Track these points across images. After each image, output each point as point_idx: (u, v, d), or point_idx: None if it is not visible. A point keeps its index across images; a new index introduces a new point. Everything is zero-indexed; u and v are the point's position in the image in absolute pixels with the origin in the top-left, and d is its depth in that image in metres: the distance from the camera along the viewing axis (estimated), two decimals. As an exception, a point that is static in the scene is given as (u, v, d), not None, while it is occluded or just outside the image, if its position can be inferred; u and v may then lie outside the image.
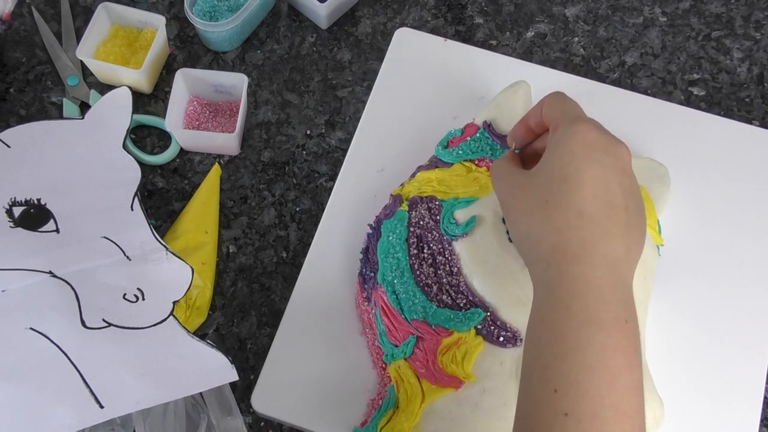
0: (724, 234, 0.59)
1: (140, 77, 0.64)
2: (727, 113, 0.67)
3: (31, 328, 0.51)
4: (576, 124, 0.43)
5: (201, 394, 0.53)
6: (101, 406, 0.50)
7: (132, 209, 0.57)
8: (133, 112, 0.61)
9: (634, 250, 0.42)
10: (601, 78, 0.68)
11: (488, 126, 0.57)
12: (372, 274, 0.55)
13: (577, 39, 0.70)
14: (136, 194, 0.58)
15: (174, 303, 0.54)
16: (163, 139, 0.66)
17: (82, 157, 0.59)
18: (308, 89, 0.68)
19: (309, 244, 0.59)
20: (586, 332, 0.39)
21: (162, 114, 0.65)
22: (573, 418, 0.37)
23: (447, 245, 0.55)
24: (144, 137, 0.66)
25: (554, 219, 0.42)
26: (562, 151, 0.43)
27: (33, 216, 0.56)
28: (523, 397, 0.41)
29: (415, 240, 0.55)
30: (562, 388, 0.38)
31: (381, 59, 0.67)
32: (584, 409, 0.37)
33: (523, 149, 0.51)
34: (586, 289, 0.40)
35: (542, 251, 0.42)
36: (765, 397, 0.54)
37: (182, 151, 0.65)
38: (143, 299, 0.53)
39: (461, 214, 0.55)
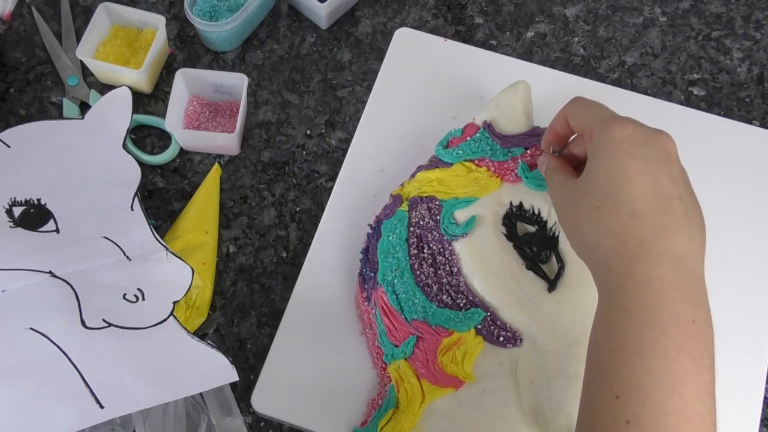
0: (724, 234, 0.59)
1: (140, 77, 0.64)
2: (727, 113, 0.67)
3: (31, 328, 0.52)
4: (609, 124, 0.42)
5: (201, 394, 0.53)
6: (101, 407, 0.50)
7: (132, 209, 0.57)
8: (133, 112, 0.61)
9: (698, 239, 0.41)
10: (601, 78, 0.68)
11: (488, 126, 0.57)
12: (372, 274, 0.55)
13: (577, 39, 0.70)
14: (136, 194, 0.58)
15: (174, 303, 0.54)
16: (163, 139, 0.66)
17: (82, 157, 0.59)
18: (308, 89, 0.68)
19: (309, 244, 0.59)
20: (648, 335, 0.37)
21: (162, 114, 0.65)
22: (635, 426, 0.36)
23: (447, 245, 0.55)
24: (144, 137, 0.66)
25: (608, 224, 0.41)
26: (602, 154, 0.42)
27: (33, 216, 0.56)
28: (584, 402, 0.40)
29: (415, 240, 0.55)
30: (623, 394, 0.37)
31: (381, 59, 0.67)
32: (646, 416, 0.36)
33: (561, 154, 0.51)
34: (647, 290, 0.38)
35: (601, 256, 0.41)
36: (765, 397, 0.54)
37: (182, 151, 0.65)
38: (143, 299, 0.53)
39: (461, 214, 0.55)
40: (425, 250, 0.54)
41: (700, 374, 0.37)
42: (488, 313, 0.52)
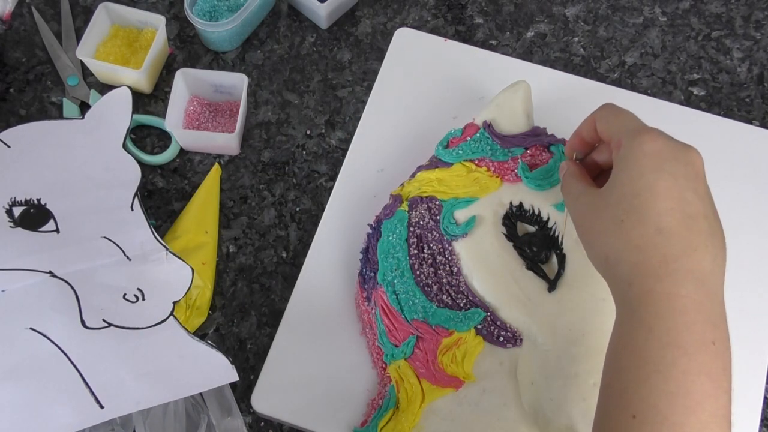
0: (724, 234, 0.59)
1: (140, 77, 0.64)
2: (727, 113, 0.67)
3: (31, 328, 0.52)
4: (639, 136, 0.42)
5: (201, 394, 0.53)
6: (101, 407, 0.50)
7: (132, 209, 0.57)
8: (133, 112, 0.61)
9: (720, 260, 0.40)
10: (601, 78, 0.68)
11: (488, 126, 0.57)
12: (372, 274, 0.55)
13: (577, 39, 0.70)
14: (136, 194, 0.58)
15: (174, 303, 0.54)
16: (163, 139, 0.66)
17: (82, 157, 0.59)
18: (308, 89, 0.68)
19: (309, 244, 0.59)
20: (669, 355, 0.37)
21: (162, 114, 0.65)
22: None
23: (447, 245, 0.55)
24: (144, 137, 0.66)
25: (632, 238, 0.40)
26: (630, 166, 0.41)
27: (33, 216, 0.56)
28: (600, 419, 0.39)
29: (415, 240, 0.55)
30: (640, 414, 0.36)
31: (381, 59, 0.67)
32: None
33: (583, 161, 0.50)
34: (669, 310, 0.38)
35: (622, 271, 0.40)
36: (765, 397, 0.54)
37: (182, 151, 0.65)
38: (143, 299, 0.53)
39: (461, 214, 0.55)
40: (425, 250, 0.54)
41: (718, 397, 0.37)
42: (488, 313, 0.52)
